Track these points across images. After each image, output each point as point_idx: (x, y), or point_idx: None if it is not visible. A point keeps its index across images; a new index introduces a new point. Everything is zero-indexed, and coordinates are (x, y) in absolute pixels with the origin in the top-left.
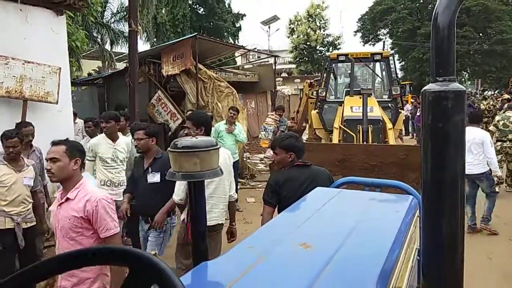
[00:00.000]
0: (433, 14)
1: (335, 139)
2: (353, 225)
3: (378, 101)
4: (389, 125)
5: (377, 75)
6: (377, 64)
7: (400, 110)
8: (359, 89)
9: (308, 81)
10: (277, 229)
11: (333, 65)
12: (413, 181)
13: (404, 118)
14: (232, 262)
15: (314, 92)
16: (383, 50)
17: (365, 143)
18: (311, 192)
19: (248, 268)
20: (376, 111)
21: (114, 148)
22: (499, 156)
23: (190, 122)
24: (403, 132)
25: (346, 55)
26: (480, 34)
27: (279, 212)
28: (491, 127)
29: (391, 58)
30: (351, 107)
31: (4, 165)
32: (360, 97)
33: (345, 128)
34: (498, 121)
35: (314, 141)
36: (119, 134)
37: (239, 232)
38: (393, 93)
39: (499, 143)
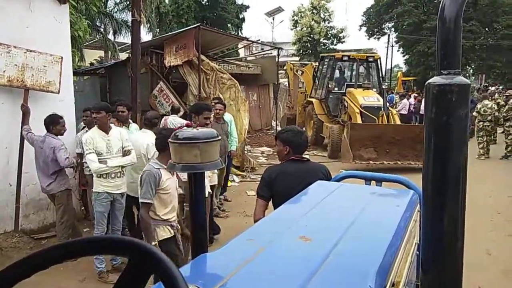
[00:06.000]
0: (440, 5)
1: (358, 121)
2: (353, 219)
3: None
4: (393, 111)
5: (370, 73)
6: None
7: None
8: (361, 83)
9: (289, 61)
10: (277, 222)
11: (338, 63)
12: (421, 150)
13: (412, 110)
14: (231, 254)
15: (299, 71)
16: (388, 43)
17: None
18: (312, 185)
19: (247, 260)
20: (381, 101)
21: (108, 140)
22: (481, 132)
23: None
24: None
25: (349, 56)
26: (487, 29)
27: (274, 206)
28: (474, 113)
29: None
30: (363, 97)
31: (164, 169)
32: (363, 89)
33: (366, 112)
34: (479, 108)
35: (315, 125)
36: (111, 125)
37: (239, 225)
38: (383, 87)
39: (481, 123)
